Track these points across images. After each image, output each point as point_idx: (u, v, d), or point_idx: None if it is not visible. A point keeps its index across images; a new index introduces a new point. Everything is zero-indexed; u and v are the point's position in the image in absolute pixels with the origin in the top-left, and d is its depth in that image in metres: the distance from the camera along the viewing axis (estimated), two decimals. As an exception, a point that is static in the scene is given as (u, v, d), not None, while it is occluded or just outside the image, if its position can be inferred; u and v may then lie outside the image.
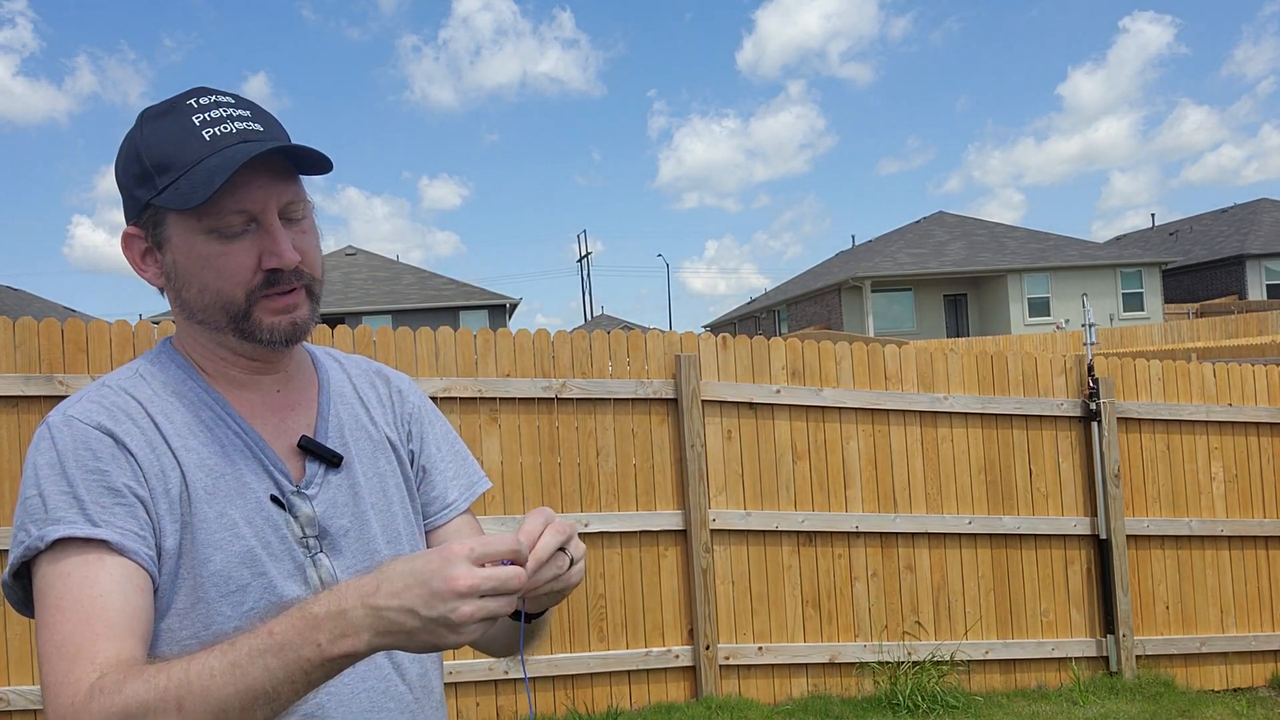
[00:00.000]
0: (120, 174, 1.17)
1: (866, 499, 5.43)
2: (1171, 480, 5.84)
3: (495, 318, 31.42)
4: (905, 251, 32.80)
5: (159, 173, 1.12)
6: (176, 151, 1.11)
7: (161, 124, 1.14)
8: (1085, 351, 5.92)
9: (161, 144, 1.13)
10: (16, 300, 30.08)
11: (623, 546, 5.07)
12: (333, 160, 1.16)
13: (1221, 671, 5.82)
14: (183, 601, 1.08)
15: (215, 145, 1.11)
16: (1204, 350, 13.93)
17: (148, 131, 1.15)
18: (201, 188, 1.08)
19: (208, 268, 1.13)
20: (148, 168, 1.13)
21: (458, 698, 4.77)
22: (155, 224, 1.15)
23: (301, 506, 1.16)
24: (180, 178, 1.10)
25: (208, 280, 1.13)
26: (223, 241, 1.12)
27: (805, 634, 5.31)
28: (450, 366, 4.88)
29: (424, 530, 1.33)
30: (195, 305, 1.16)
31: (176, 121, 1.13)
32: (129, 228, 1.18)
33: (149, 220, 1.15)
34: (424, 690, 1.23)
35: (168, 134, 1.13)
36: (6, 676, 4.24)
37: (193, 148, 1.11)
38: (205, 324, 1.17)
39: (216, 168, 1.08)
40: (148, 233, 1.16)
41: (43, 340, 4.34)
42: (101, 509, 1.04)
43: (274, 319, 1.15)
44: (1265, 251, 33.29)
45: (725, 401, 5.24)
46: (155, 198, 1.12)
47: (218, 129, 1.12)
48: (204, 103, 1.15)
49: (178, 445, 1.12)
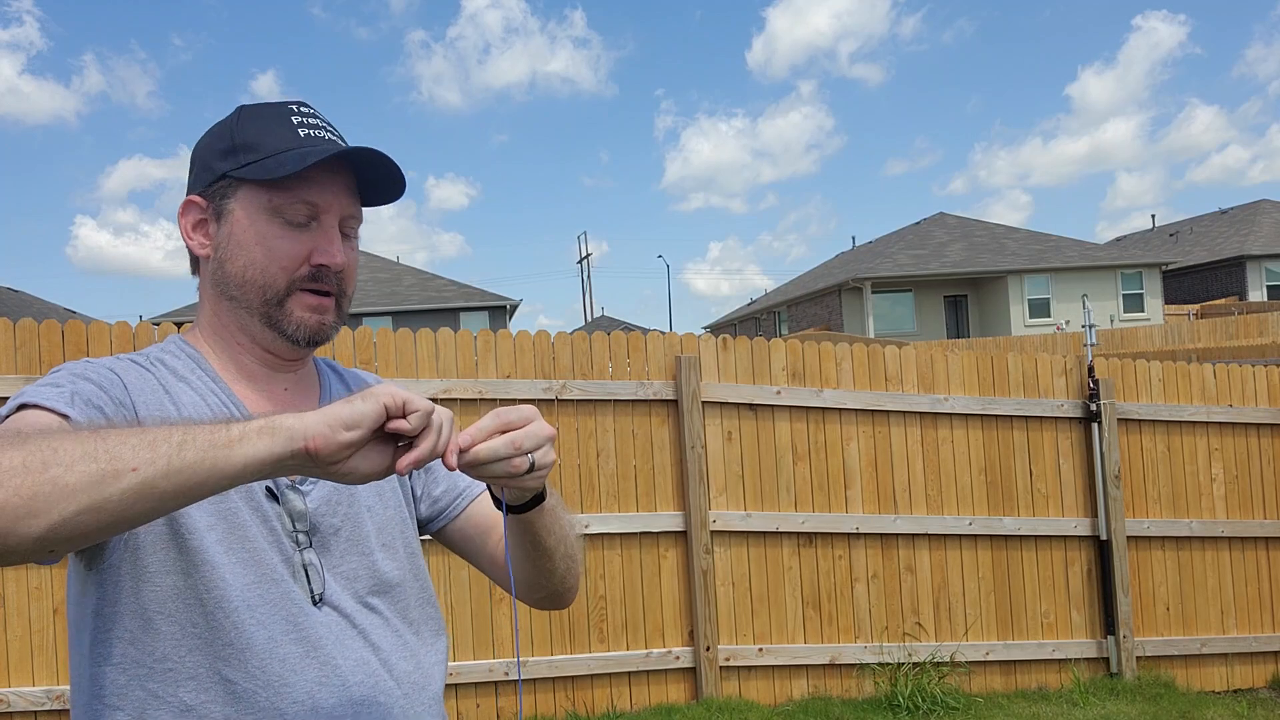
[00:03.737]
0: (202, 150, 1.22)
1: (867, 500, 5.43)
2: (1172, 481, 5.84)
3: (496, 319, 31.43)
4: (905, 253, 32.80)
5: (245, 150, 1.18)
6: (268, 137, 1.18)
7: (260, 114, 1.21)
8: (1085, 352, 5.92)
9: (256, 128, 1.19)
10: (17, 301, 30.09)
11: (623, 548, 5.07)
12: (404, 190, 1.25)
13: (1222, 673, 5.82)
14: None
15: (306, 142, 1.18)
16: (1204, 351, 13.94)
17: (245, 118, 1.21)
18: (287, 165, 1.14)
19: (261, 245, 1.17)
20: (236, 144, 1.19)
21: (458, 698, 4.77)
22: (223, 195, 1.19)
23: (294, 501, 1.17)
24: (266, 157, 1.16)
25: (256, 256, 1.18)
26: (283, 225, 1.18)
27: (805, 635, 5.31)
28: (450, 368, 4.88)
29: (450, 520, 1.34)
30: (235, 280, 1.19)
31: (275, 115, 1.20)
32: (192, 196, 1.22)
33: (217, 191, 1.20)
34: (414, 687, 1.22)
35: (264, 123, 1.20)
36: (7, 677, 4.24)
37: (284, 137, 1.18)
38: (237, 301, 1.20)
39: (306, 154, 1.15)
40: (211, 203, 1.20)
41: (43, 342, 4.35)
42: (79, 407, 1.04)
43: (304, 314, 1.19)
44: (1265, 252, 33.29)
45: (725, 403, 5.24)
46: (235, 170, 1.18)
47: (311, 131, 1.20)
48: (304, 110, 1.22)
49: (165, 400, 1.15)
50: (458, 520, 1.35)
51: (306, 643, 1.12)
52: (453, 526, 1.35)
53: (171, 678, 1.08)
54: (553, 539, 1.26)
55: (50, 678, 4.27)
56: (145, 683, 1.08)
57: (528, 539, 1.23)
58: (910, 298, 31.99)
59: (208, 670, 1.09)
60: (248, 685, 1.09)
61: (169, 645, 1.08)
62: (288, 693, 1.10)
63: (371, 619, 1.19)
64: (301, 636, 1.12)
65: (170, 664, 1.08)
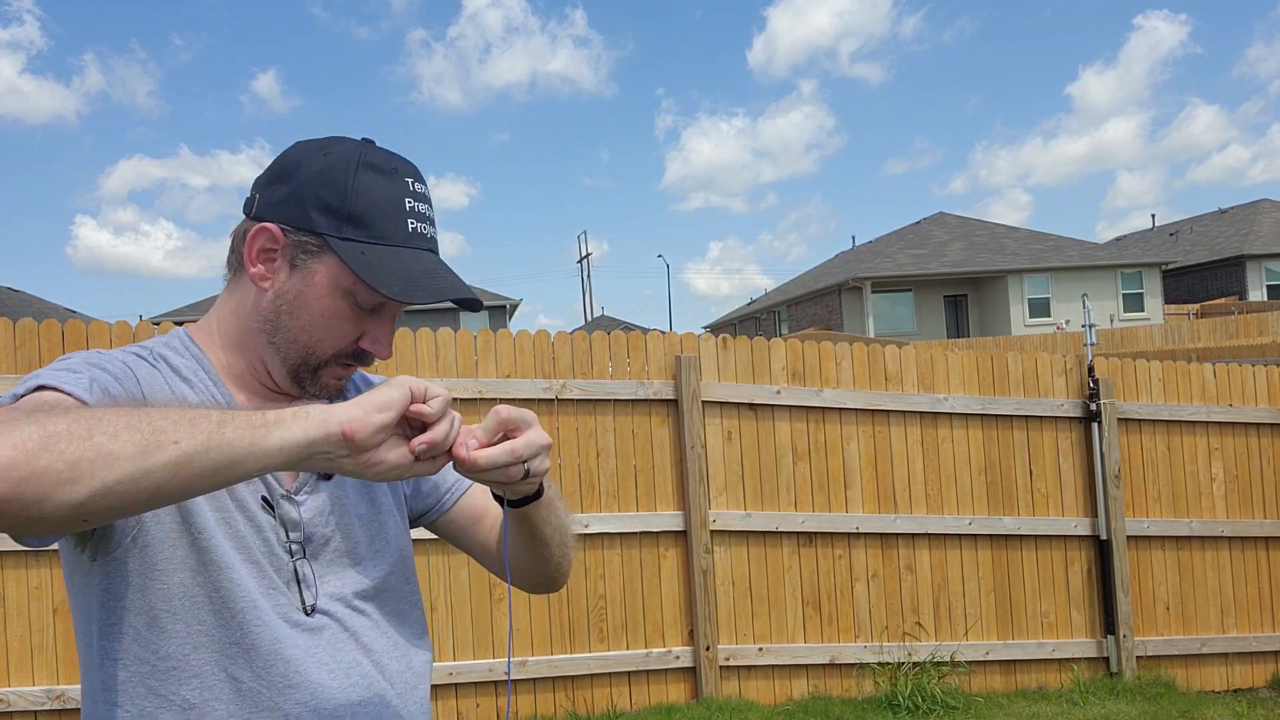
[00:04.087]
0: (307, 181, 1.16)
1: (867, 500, 5.43)
2: (1172, 481, 5.84)
3: (496, 319, 31.44)
4: (905, 252, 32.80)
5: (353, 222, 1.14)
6: (381, 220, 1.15)
7: (378, 180, 1.16)
8: (1085, 352, 5.92)
9: (371, 199, 1.15)
10: (17, 301, 30.10)
11: (623, 547, 5.07)
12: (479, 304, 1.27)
13: (1222, 672, 5.82)
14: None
15: (411, 240, 1.16)
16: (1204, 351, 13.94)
17: (363, 179, 1.15)
18: (391, 284, 1.12)
19: (324, 319, 1.17)
20: (347, 208, 1.14)
21: (458, 698, 4.77)
22: (307, 249, 1.15)
23: (289, 511, 1.18)
24: (371, 244, 1.14)
25: (315, 327, 1.17)
26: (351, 307, 1.17)
27: (805, 635, 5.31)
28: (450, 367, 4.88)
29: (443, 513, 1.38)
30: (285, 334, 1.18)
31: (393, 190, 1.16)
32: (274, 225, 1.16)
33: (304, 243, 1.15)
34: (407, 687, 1.24)
35: (381, 195, 1.15)
36: (7, 677, 4.24)
37: (394, 226, 1.15)
38: (275, 346, 1.19)
39: (417, 279, 1.14)
40: (291, 247, 1.16)
41: (43, 341, 4.35)
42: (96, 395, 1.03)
43: (330, 381, 1.21)
44: (1265, 252, 33.29)
45: (725, 402, 5.24)
46: (335, 240, 1.14)
47: (418, 224, 1.17)
48: (417, 191, 1.19)
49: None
50: (450, 512, 1.38)
51: (304, 646, 1.14)
52: (446, 518, 1.39)
53: (175, 675, 1.08)
54: (549, 529, 1.29)
55: (50, 677, 4.27)
56: (148, 680, 1.08)
57: (525, 530, 1.26)
58: (910, 297, 31.99)
59: (213, 668, 1.09)
60: (253, 684, 1.10)
61: (175, 643, 1.08)
62: (291, 693, 1.12)
63: (363, 622, 1.21)
64: (299, 639, 1.14)
65: (175, 662, 1.08)
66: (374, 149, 1.19)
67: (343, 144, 1.19)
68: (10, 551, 4.27)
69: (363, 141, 1.21)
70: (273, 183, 1.18)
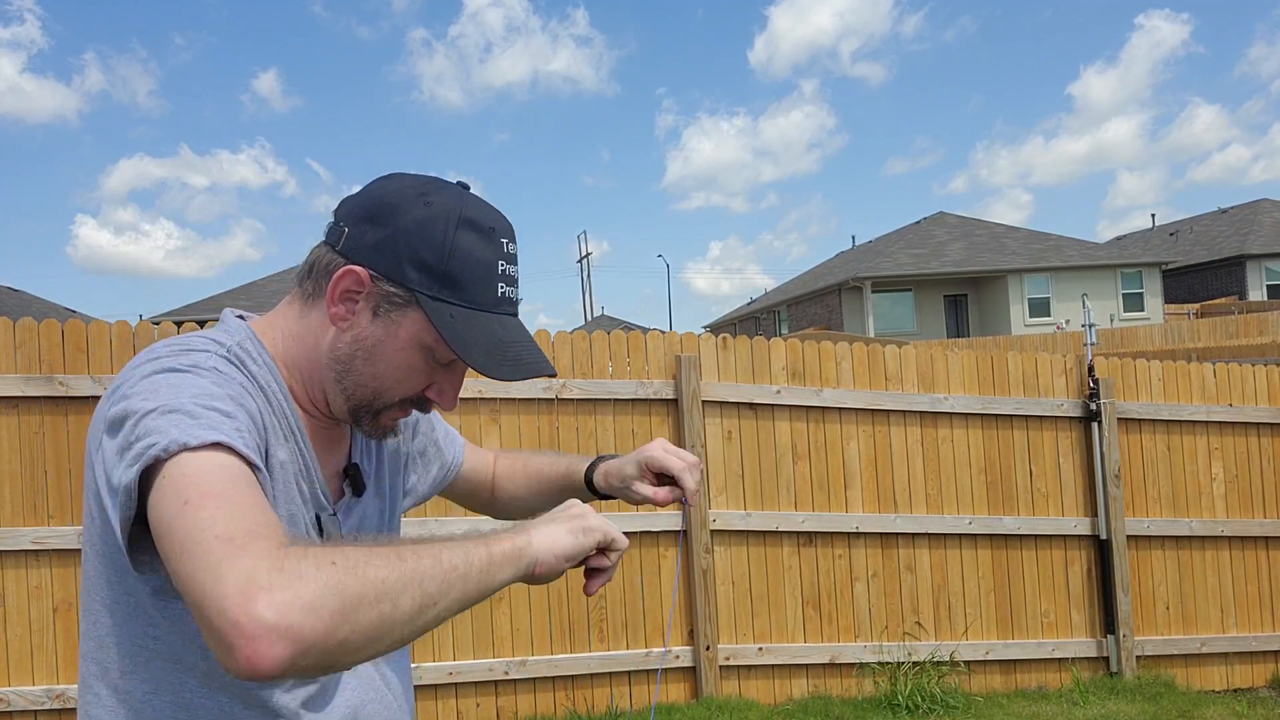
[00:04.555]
0: (404, 230, 1.12)
1: (867, 499, 5.43)
2: (1172, 481, 5.84)
3: (495, 318, 31.38)
4: (905, 252, 32.80)
5: (446, 283, 1.12)
6: (473, 282, 1.14)
7: (476, 241, 1.14)
8: (1085, 352, 5.92)
9: (467, 261, 1.13)
10: (17, 301, 30.10)
11: (623, 547, 5.07)
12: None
13: (1222, 672, 5.82)
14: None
15: (499, 305, 1.16)
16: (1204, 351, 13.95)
17: (462, 236, 1.13)
18: (475, 354, 1.12)
19: (399, 371, 1.16)
20: (442, 267, 1.12)
21: (458, 698, 4.77)
22: (394, 301, 1.13)
23: (331, 529, 1.19)
24: (460, 306, 1.13)
25: (386, 374, 1.16)
26: (426, 361, 1.16)
27: (805, 634, 5.31)
28: (450, 367, 4.88)
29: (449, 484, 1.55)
30: (355, 378, 1.16)
31: (489, 252, 1.15)
32: (363, 269, 1.12)
33: (392, 295, 1.13)
34: (405, 699, 1.29)
35: (477, 258, 1.14)
36: (7, 677, 4.24)
37: (485, 291, 1.15)
38: (341, 384, 1.17)
39: (502, 351, 1.15)
40: (377, 295, 1.13)
41: (43, 341, 4.35)
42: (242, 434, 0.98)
43: (387, 424, 1.22)
44: (1265, 252, 33.29)
45: (725, 402, 5.24)
46: (427, 298, 1.12)
47: (507, 288, 1.17)
48: (510, 251, 1.18)
49: (271, 439, 1.11)
50: (455, 482, 1.56)
51: None
52: (450, 488, 1.57)
53: (178, 670, 1.07)
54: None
55: (50, 677, 4.27)
56: (152, 670, 1.07)
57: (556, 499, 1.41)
58: (910, 297, 32.00)
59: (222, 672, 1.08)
60: (261, 692, 1.09)
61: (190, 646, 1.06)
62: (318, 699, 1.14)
63: None
64: None
65: (188, 663, 1.07)
66: (473, 201, 1.17)
67: (444, 193, 1.15)
68: (10, 551, 4.27)
69: (462, 191, 1.17)
70: (365, 220, 1.14)
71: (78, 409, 4.35)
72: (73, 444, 4.35)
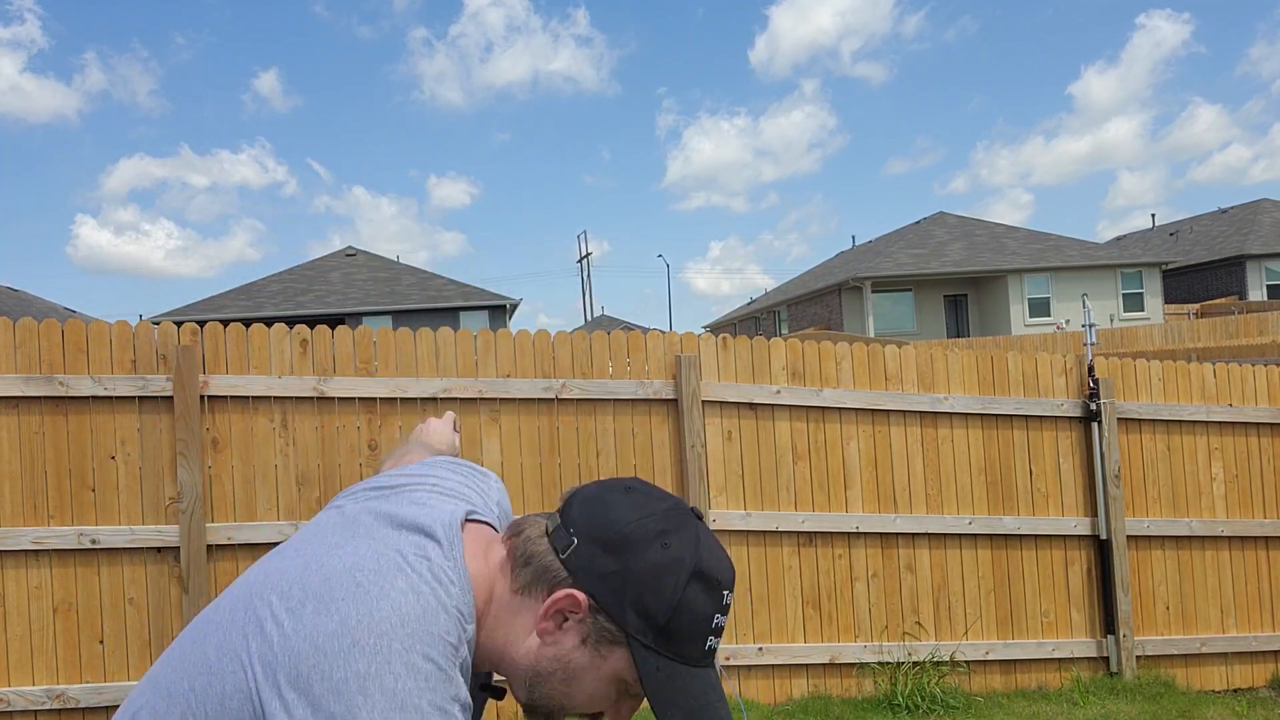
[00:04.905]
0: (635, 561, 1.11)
1: (867, 499, 5.43)
2: (1172, 481, 5.84)
3: (495, 318, 31.43)
4: (905, 252, 32.82)
5: (664, 635, 1.11)
6: (687, 639, 1.12)
7: (702, 596, 1.13)
8: (1085, 352, 5.92)
9: (689, 618, 1.12)
10: (17, 301, 30.11)
11: (623, 547, 5.07)
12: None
13: (1222, 672, 5.83)
14: None
15: (703, 660, 1.14)
16: (1204, 351, 13.96)
17: (691, 590, 1.12)
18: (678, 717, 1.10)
19: (589, 696, 1.15)
20: (665, 621, 1.11)
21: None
22: (608, 637, 1.12)
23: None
24: (669, 659, 1.12)
25: (577, 696, 1.15)
26: (617, 692, 1.15)
27: (805, 634, 5.31)
28: (450, 367, 4.88)
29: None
30: (545, 688, 1.15)
31: (710, 608, 1.13)
32: (584, 597, 1.12)
33: (607, 630, 1.12)
34: None
35: (698, 614, 1.13)
36: (7, 677, 4.24)
37: (695, 647, 1.13)
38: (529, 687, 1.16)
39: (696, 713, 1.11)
40: (592, 624, 1.13)
41: (43, 341, 4.35)
42: None
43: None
44: (1265, 252, 33.31)
45: (725, 402, 5.24)
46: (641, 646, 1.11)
47: (714, 641, 1.15)
48: (726, 603, 1.16)
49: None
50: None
51: None
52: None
53: None
54: None
55: (50, 677, 4.27)
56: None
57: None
58: (910, 297, 32.01)
59: None
60: None
61: None
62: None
63: None
64: None
65: None
66: (707, 548, 1.15)
67: (682, 534, 1.14)
68: (10, 551, 4.27)
69: (698, 531, 1.16)
70: (598, 544, 1.13)
71: (78, 409, 4.34)
72: (73, 444, 4.35)
